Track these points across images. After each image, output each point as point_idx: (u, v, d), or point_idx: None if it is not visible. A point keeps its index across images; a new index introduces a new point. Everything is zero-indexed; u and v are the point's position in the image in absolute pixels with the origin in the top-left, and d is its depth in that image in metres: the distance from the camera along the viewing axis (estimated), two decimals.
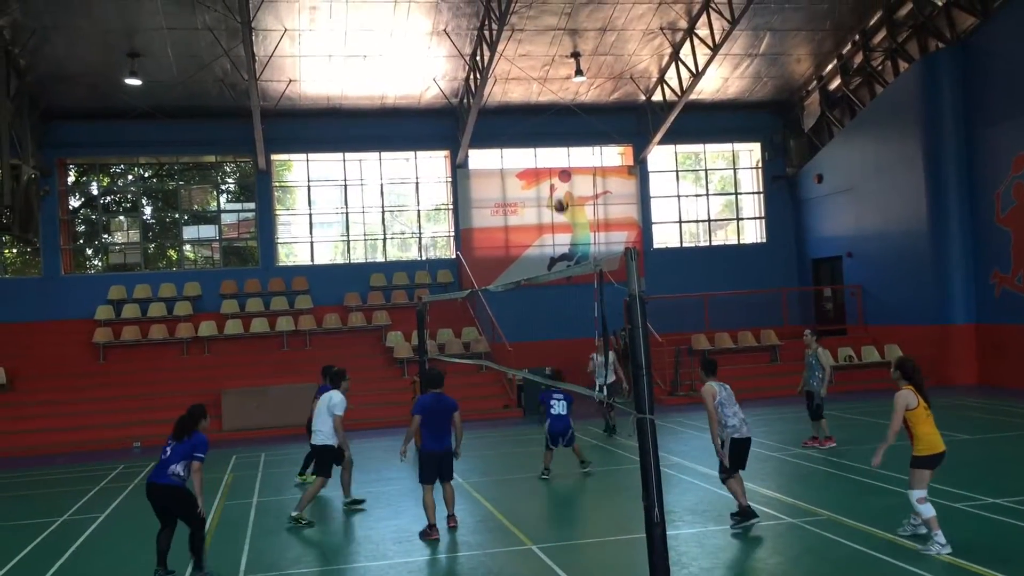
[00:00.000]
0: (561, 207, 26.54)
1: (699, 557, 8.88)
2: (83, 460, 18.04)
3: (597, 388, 8.72)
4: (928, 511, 8.50)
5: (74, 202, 27.43)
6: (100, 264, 27.76)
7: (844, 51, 27.10)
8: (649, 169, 29.13)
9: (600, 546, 9.84)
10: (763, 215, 30.04)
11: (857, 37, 26.38)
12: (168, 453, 8.78)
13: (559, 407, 13.39)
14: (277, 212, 27.41)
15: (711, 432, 9.84)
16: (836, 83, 28.04)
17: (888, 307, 25.38)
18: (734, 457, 9.81)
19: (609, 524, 10.77)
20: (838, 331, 26.83)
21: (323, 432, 11.41)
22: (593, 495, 12.51)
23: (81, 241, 27.54)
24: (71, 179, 27.23)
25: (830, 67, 27.78)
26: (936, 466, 8.73)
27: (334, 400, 11.44)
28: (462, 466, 15.10)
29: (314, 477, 11.81)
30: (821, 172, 28.06)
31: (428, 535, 10.10)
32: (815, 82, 28.44)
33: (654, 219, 29.25)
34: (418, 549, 9.82)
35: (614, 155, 29.28)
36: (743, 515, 9.86)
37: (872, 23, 25.94)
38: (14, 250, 26.86)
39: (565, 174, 28.44)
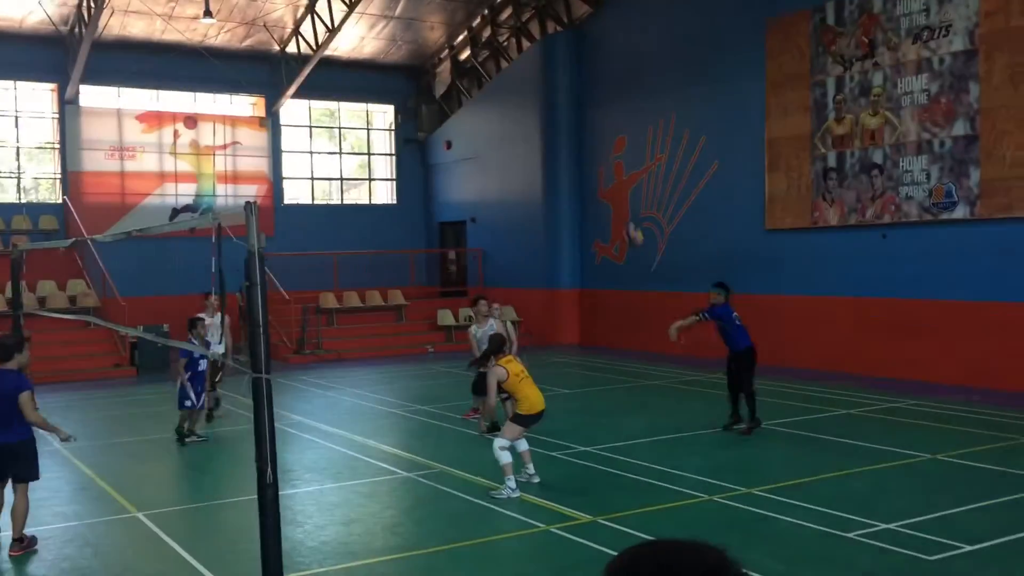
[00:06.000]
0: None
1: (314, 515, 8.90)
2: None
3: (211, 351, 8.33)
4: (505, 457, 9.13)
5: None
6: None
7: (474, 24, 28.20)
8: (282, 123, 28.40)
9: (212, 509, 9.52)
10: (395, 177, 30.56)
11: (486, 11, 27.54)
12: None
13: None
14: None
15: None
16: (466, 54, 29.14)
17: (506, 271, 27.01)
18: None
19: (224, 487, 10.45)
20: (459, 292, 28.17)
21: None
22: (212, 458, 12.01)
23: None
24: None
25: (461, 38, 28.78)
26: (533, 424, 9.46)
27: None
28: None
29: None
30: (450, 139, 29.09)
31: None
32: (447, 51, 29.34)
33: (286, 174, 28.63)
34: None
35: (245, 105, 28.13)
36: None
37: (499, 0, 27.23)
38: None
39: (191, 120, 26.83)
